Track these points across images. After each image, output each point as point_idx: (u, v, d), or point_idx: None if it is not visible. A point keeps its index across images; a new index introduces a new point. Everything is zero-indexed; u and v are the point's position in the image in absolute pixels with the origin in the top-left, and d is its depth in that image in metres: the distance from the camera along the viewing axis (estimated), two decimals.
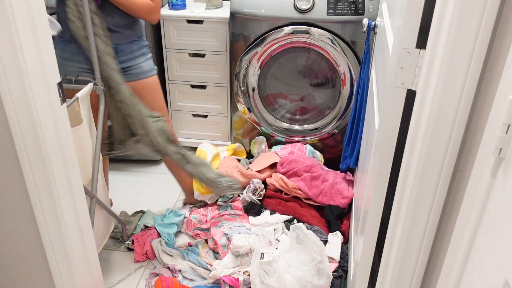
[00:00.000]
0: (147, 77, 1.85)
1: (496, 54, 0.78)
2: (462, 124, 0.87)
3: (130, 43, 1.78)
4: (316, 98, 2.43)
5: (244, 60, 2.26)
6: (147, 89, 1.85)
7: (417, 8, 0.93)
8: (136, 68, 1.82)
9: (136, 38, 1.80)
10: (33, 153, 1.10)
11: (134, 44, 1.80)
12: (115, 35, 1.72)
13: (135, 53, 1.81)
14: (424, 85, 0.89)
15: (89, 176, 1.60)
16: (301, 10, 2.13)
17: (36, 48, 1.02)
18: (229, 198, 2.18)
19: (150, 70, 1.86)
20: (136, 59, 1.81)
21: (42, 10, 1.03)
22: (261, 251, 1.75)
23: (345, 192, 2.10)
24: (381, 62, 1.39)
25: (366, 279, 1.38)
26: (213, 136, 2.67)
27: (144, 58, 1.84)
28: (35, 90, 1.04)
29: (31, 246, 1.26)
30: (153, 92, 1.88)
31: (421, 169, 0.93)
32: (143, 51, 1.84)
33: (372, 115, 1.45)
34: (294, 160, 2.20)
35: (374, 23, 1.67)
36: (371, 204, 1.20)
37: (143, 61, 1.84)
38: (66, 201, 1.22)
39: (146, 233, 2.03)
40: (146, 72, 1.84)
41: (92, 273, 1.43)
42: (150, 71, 1.86)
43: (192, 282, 1.81)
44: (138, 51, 1.82)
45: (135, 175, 2.55)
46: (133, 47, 1.80)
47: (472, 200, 0.75)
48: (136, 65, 1.82)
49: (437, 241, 1.01)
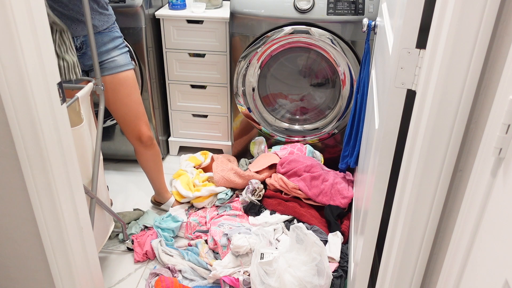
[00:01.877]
0: (122, 71, 1.78)
1: (496, 54, 0.78)
2: (462, 124, 0.87)
3: (99, 34, 1.70)
4: (316, 98, 2.43)
5: (244, 60, 2.26)
6: (123, 84, 1.79)
7: (417, 8, 0.93)
8: (110, 62, 1.75)
9: (106, 29, 1.72)
10: (33, 153, 1.10)
11: (105, 35, 1.72)
12: (81, 25, 1.65)
13: (108, 45, 1.74)
14: (424, 85, 0.89)
15: (90, 176, 1.60)
16: (301, 10, 2.13)
17: (36, 48, 1.02)
18: (226, 200, 2.17)
19: (126, 64, 1.80)
20: (109, 52, 1.75)
21: (42, 10, 1.03)
22: (261, 251, 1.75)
23: (345, 192, 2.10)
24: (381, 62, 1.39)
25: (366, 279, 1.38)
26: (213, 136, 2.67)
27: (119, 51, 1.78)
28: (35, 90, 1.04)
29: (31, 246, 1.26)
30: (129, 87, 1.82)
31: (421, 169, 0.93)
32: (116, 43, 1.77)
33: (372, 115, 1.45)
34: (294, 160, 2.20)
35: (374, 23, 1.67)
36: (371, 204, 1.20)
37: (117, 54, 1.77)
38: (66, 201, 1.22)
39: (146, 233, 2.03)
40: (121, 66, 1.78)
41: (92, 273, 1.43)
42: (126, 65, 1.80)
43: (192, 282, 1.80)
44: (110, 43, 1.75)
45: (135, 175, 2.55)
46: (104, 39, 1.72)
47: (472, 200, 0.75)
48: (109, 58, 1.75)
49: (437, 241, 1.01)
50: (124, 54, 1.81)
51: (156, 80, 2.46)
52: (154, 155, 2.04)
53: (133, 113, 1.86)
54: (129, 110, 1.84)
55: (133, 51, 2.27)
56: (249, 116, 2.43)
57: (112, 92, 1.79)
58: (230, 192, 2.20)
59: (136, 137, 1.92)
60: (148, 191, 2.38)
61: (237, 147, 2.58)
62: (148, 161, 2.05)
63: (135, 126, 1.89)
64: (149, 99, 2.41)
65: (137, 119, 1.87)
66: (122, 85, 1.79)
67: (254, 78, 2.33)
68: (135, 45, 2.27)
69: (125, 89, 1.80)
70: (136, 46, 2.27)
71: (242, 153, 2.58)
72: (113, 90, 1.78)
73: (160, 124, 2.60)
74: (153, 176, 2.13)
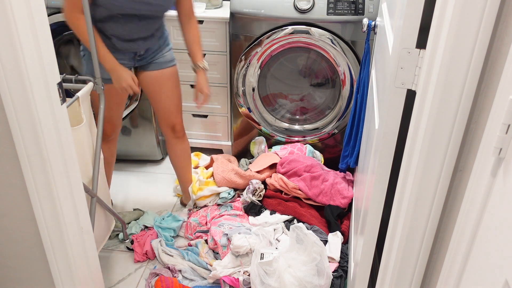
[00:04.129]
0: (169, 66, 1.91)
1: (496, 54, 0.78)
2: (462, 124, 0.87)
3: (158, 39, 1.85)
4: (316, 98, 2.43)
5: (244, 60, 2.26)
6: (169, 78, 1.92)
7: (417, 8, 0.93)
8: (160, 58, 1.88)
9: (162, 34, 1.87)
10: (33, 153, 1.10)
11: (161, 38, 1.87)
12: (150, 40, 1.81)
13: (161, 45, 1.88)
14: (424, 85, 0.89)
15: (90, 175, 1.60)
16: (301, 10, 2.13)
17: (36, 48, 1.02)
18: (228, 199, 2.18)
19: (172, 60, 1.93)
20: (162, 49, 1.88)
21: (42, 10, 1.03)
22: (261, 251, 1.75)
23: (345, 192, 2.10)
24: (381, 62, 1.39)
25: (366, 279, 1.38)
26: (213, 136, 2.67)
27: (168, 48, 1.91)
28: (35, 90, 1.04)
29: (31, 246, 1.26)
30: (174, 81, 1.95)
31: (421, 169, 0.93)
32: (167, 41, 1.90)
33: (372, 115, 1.45)
34: (294, 160, 2.20)
35: (374, 23, 1.67)
36: (371, 204, 1.20)
37: (166, 51, 1.90)
38: (66, 201, 1.22)
39: (146, 233, 2.03)
40: (169, 61, 1.91)
41: (92, 273, 1.43)
42: (172, 61, 1.93)
43: (192, 282, 1.80)
44: (163, 42, 1.88)
45: (135, 175, 2.55)
46: (160, 42, 1.87)
47: (472, 200, 0.75)
48: (160, 55, 1.88)
49: (437, 241, 1.01)
50: (171, 51, 1.93)
51: None
52: (185, 149, 2.13)
53: (174, 105, 1.98)
54: (171, 102, 1.96)
55: None
56: (249, 116, 2.43)
57: (159, 86, 1.90)
58: (233, 192, 2.21)
59: (170, 127, 2.02)
60: (148, 191, 2.38)
61: (237, 147, 2.58)
62: (179, 155, 2.14)
63: (172, 117, 1.99)
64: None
65: (176, 111, 1.99)
66: (169, 80, 1.92)
67: (254, 78, 2.33)
68: None
69: (171, 82, 1.94)
70: None
71: (242, 153, 2.58)
72: (160, 84, 1.90)
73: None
74: (182, 172, 2.20)
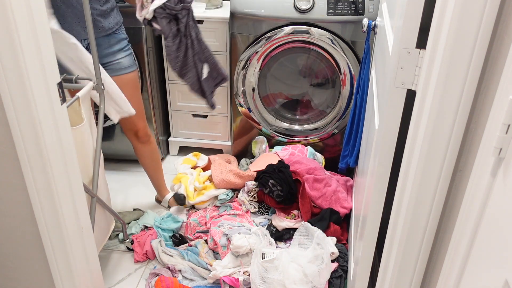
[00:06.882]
0: (126, 73, 1.81)
1: (496, 54, 0.78)
2: (462, 124, 0.87)
3: (107, 37, 1.72)
4: (316, 98, 2.43)
5: (244, 60, 2.26)
6: (126, 86, 1.80)
7: (417, 8, 0.93)
8: (115, 64, 1.77)
9: (114, 31, 1.73)
10: (33, 153, 1.10)
11: (112, 37, 1.73)
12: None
13: (114, 47, 1.75)
14: (424, 85, 0.89)
15: (90, 175, 1.60)
16: (301, 10, 2.13)
17: (36, 48, 1.02)
18: (226, 200, 2.18)
19: (130, 66, 1.82)
20: (115, 54, 1.76)
21: (42, 10, 1.03)
22: (262, 250, 1.75)
23: (345, 203, 2.08)
24: (381, 62, 1.39)
25: (366, 279, 1.38)
26: (213, 136, 2.67)
27: (124, 53, 1.79)
28: (35, 90, 1.04)
29: (31, 246, 1.26)
30: (132, 89, 1.85)
31: (421, 169, 0.93)
32: (122, 45, 1.78)
33: (372, 115, 1.45)
34: (298, 161, 2.19)
35: (374, 23, 1.67)
36: (371, 204, 1.20)
37: (122, 56, 1.78)
38: (66, 201, 1.22)
39: (146, 233, 2.03)
40: (126, 68, 1.80)
41: (92, 273, 1.43)
42: (130, 67, 1.82)
43: (192, 282, 1.81)
44: (117, 45, 1.76)
45: (135, 175, 2.55)
46: (111, 41, 1.73)
47: (472, 200, 0.75)
48: (115, 60, 1.77)
49: (437, 241, 1.01)
50: (129, 56, 1.82)
51: (156, 80, 2.46)
52: (150, 152, 2.09)
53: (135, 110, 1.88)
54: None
55: (133, 51, 2.26)
56: (249, 116, 2.43)
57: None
58: (231, 193, 2.21)
59: (133, 132, 1.98)
60: (148, 191, 2.38)
61: (237, 147, 2.58)
62: (145, 158, 2.11)
63: (134, 122, 1.94)
64: (149, 99, 2.41)
65: (137, 117, 1.90)
66: (125, 87, 1.79)
67: (254, 78, 2.33)
68: (135, 45, 2.26)
69: (128, 90, 1.81)
70: (136, 46, 2.26)
71: (242, 153, 2.58)
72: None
73: (160, 124, 2.60)
74: (151, 173, 2.20)
